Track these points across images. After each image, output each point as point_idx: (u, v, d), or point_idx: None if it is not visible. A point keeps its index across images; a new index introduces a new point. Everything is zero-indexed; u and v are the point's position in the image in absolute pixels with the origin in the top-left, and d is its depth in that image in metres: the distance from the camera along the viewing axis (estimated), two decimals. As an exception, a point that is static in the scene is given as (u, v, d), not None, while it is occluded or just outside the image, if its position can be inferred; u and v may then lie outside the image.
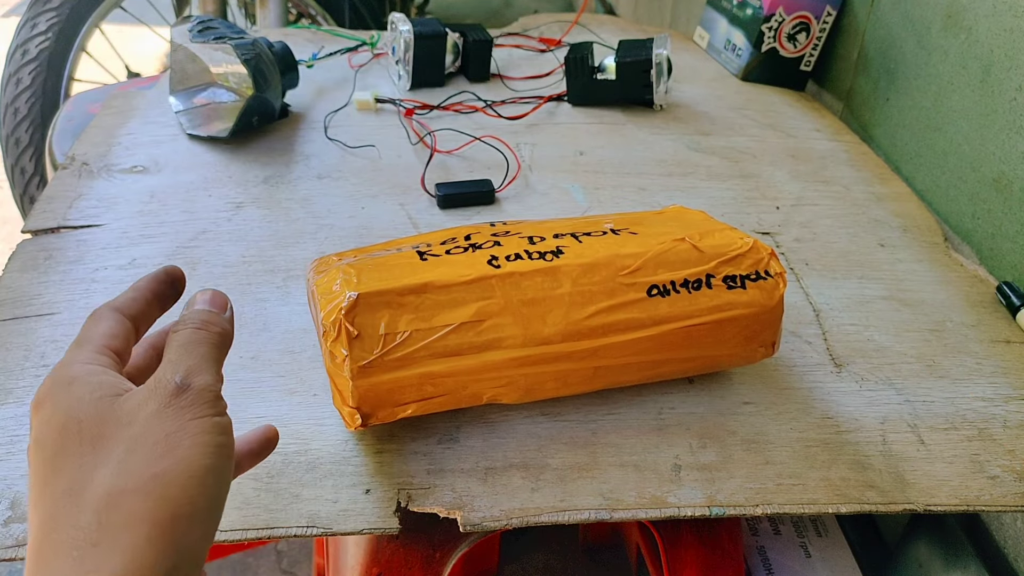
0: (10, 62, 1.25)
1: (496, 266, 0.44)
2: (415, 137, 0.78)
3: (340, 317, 0.41)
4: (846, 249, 0.66)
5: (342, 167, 0.73)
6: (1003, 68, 0.64)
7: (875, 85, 0.85)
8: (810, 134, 0.85)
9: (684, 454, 0.46)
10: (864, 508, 0.44)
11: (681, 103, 0.89)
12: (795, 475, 0.46)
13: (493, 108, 0.83)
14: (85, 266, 0.58)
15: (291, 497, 0.42)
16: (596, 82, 0.86)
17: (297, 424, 0.47)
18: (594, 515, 0.43)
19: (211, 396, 0.29)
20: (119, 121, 0.78)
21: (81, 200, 0.65)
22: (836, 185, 0.75)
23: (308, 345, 0.52)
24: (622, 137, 0.81)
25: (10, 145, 1.25)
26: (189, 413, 0.28)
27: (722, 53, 1.01)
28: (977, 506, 0.45)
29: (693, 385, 0.51)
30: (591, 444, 0.46)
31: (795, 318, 0.57)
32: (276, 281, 0.58)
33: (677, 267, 0.45)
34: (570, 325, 0.43)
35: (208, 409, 0.29)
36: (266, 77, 0.73)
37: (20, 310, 0.53)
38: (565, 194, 0.71)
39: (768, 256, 0.47)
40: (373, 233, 0.64)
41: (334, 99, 0.85)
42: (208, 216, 0.64)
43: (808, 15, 0.91)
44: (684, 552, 0.50)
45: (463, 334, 0.42)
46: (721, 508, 0.44)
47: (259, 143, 0.76)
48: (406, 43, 0.85)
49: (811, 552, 0.57)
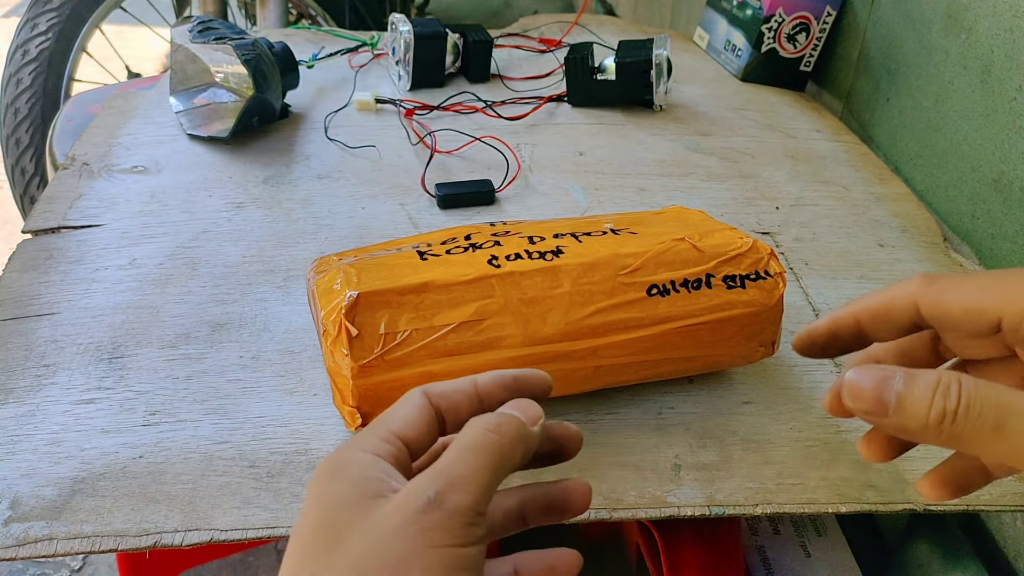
0: (10, 62, 1.25)
1: (496, 266, 0.44)
2: (415, 137, 0.78)
3: (340, 316, 0.41)
4: (846, 249, 0.66)
5: (342, 167, 0.73)
6: (1003, 68, 0.64)
7: (875, 85, 0.85)
8: (810, 134, 0.85)
9: (684, 454, 0.46)
10: (864, 508, 0.44)
11: (681, 103, 0.89)
12: (795, 475, 0.46)
13: (493, 108, 0.83)
14: (85, 266, 0.58)
15: (291, 497, 0.42)
16: (596, 82, 0.86)
17: (297, 424, 0.47)
18: (594, 515, 0.43)
19: (463, 521, 0.24)
20: (119, 121, 0.78)
21: (81, 200, 0.65)
22: (836, 185, 0.75)
23: (308, 345, 0.52)
24: (622, 137, 0.81)
25: (10, 145, 1.25)
26: (430, 539, 0.24)
27: (722, 54, 1.01)
28: (977, 506, 0.45)
29: (693, 385, 0.51)
30: (591, 444, 0.46)
31: (795, 318, 0.57)
32: (276, 281, 0.58)
33: (677, 267, 0.45)
34: (570, 324, 0.43)
35: (454, 537, 0.24)
36: (266, 77, 0.73)
37: (20, 310, 0.53)
38: (565, 194, 0.71)
39: (768, 256, 0.47)
40: (373, 233, 0.64)
41: (334, 99, 0.85)
42: (208, 216, 0.64)
43: (808, 15, 0.91)
44: (684, 552, 0.51)
45: (463, 333, 0.42)
46: (721, 508, 0.44)
47: (259, 143, 0.76)
48: (406, 43, 0.85)
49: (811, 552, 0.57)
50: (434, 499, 0.24)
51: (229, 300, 0.55)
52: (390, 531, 0.24)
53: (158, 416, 0.46)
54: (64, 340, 0.51)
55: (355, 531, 0.24)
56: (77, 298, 0.55)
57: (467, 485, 0.25)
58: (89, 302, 0.54)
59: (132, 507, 0.41)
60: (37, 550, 0.39)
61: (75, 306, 0.54)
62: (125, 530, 0.40)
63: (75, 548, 0.39)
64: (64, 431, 0.45)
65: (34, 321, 0.53)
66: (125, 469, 0.43)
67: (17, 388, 0.48)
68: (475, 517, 0.25)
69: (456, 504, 0.24)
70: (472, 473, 0.25)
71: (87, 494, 0.42)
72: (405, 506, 0.24)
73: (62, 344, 0.51)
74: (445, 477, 0.25)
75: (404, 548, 0.24)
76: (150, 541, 0.40)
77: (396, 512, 0.24)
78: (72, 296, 0.55)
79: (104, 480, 0.43)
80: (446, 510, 0.24)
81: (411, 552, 0.24)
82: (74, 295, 0.55)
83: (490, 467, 0.26)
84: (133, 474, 0.43)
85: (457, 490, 0.25)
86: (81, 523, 0.40)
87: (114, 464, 0.43)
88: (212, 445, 0.45)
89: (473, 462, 0.26)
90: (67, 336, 0.51)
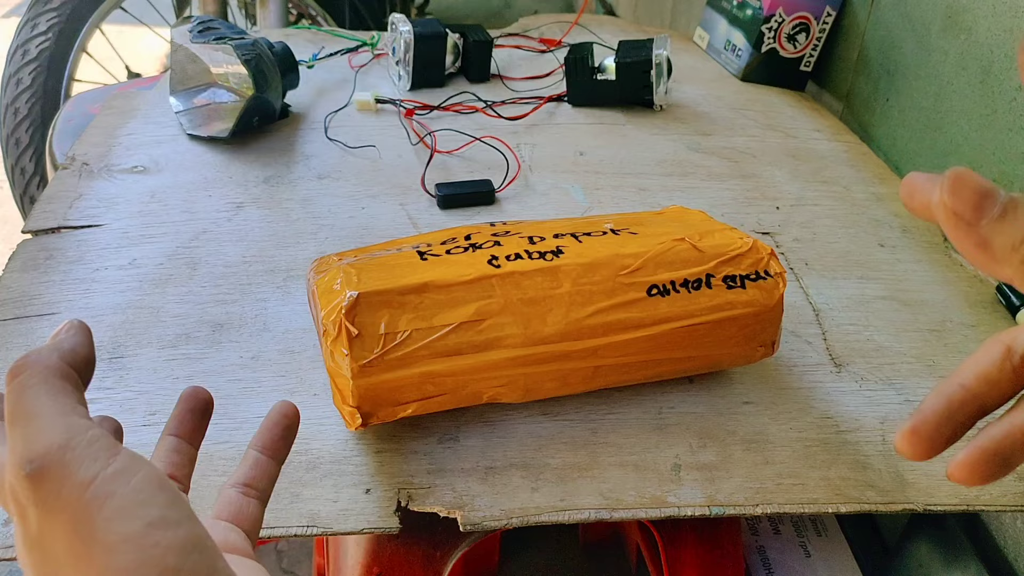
0: (10, 62, 1.25)
1: (496, 266, 0.44)
2: (415, 137, 0.78)
3: (340, 316, 0.41)
4: (846, 249, 0.66)
5: (342, 167, 0.73)
6: (1003, 68, 0.64)
7: (875, 85, 0.85)
8: (810, 134, 0.85)
9: (684, 454, 0.46)
10: (864, 508, 0.44)
11: (681, 103, 0.89)
12: (795, 475, 0.46)
13: (493, 108, 0.83)
14: (85, 266, 0.58)
15: (291, 497, 0.42)
16: (596, 82, 0.86)
17: (297, 424, 0.47)
18: (594, 515, 0.43)
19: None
20: (119, 121, 0.78)
21: (81, 200, 0.65)
22: (836, 185, 0.75)
23: (308, 345, 0.52)
24: (622, 137, 0.81)
25: (10, 145, 1.25)
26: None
27: (722, 54, 1.01)
28: (977, 506, 0.45)
29: (693, 385, 0.51)
30: (591, 444, 0.47)
31: (795, 318, 0.57)
32: (276, 281, 0.58)
33: (677, 267, 0.45)
34: (570, 324, 0.43)
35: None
36: (266, 77, 0.73)
37: (20, 310, 0.53)
38: (565, 194, 0.71)
39: (768, 256, 0.47)
40: (373, 233, 0.64)
41: (334, 99, 0.85)
42: (208, 216, 0.64)
43: (808, 16, 0.91)
44: (684, 552, 0.51)
45: (463, 333, 0.42)
46: (721, 508, 0.44)
47: (259, 143, 0.76)
48: (406, 43, 0.85)
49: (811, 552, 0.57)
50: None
51: (229, 300, 0.55)
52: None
53: (158, 416, 0.46)
54: (64, 340, 0.51)
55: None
56: (77, 298, 0.55)
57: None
58: (89, 302, 0.54)
59: (132, 507, 0.41)
60: (37, 550, 0.39)
61: (75, 306, 0.54)
62: (125, 530, 0.40)
63: (75, 548, 0.39)
64: (64, 431, 0.45)
65: (34, 321, 0.53)
66: (125, 469, 0.43)
67: (17, 388, 0.48)
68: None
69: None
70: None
71: (87, 494, 0.42)
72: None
73: (62, 344, 0.51)
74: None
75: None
76: (150, 541, 0.40)
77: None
78: (72, 296, 0.55)
79: (104, 480, 0.42)
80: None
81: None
82: (74, 295, 0.55)
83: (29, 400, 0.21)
84: (133, 474, 0.43)
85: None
86: (81, 523, 0.40)
87: (114, 464, 0.43)
88: (212, 445, 0.45)
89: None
90: (67, 336, 0.51)
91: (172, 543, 0.19)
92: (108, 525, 0.19)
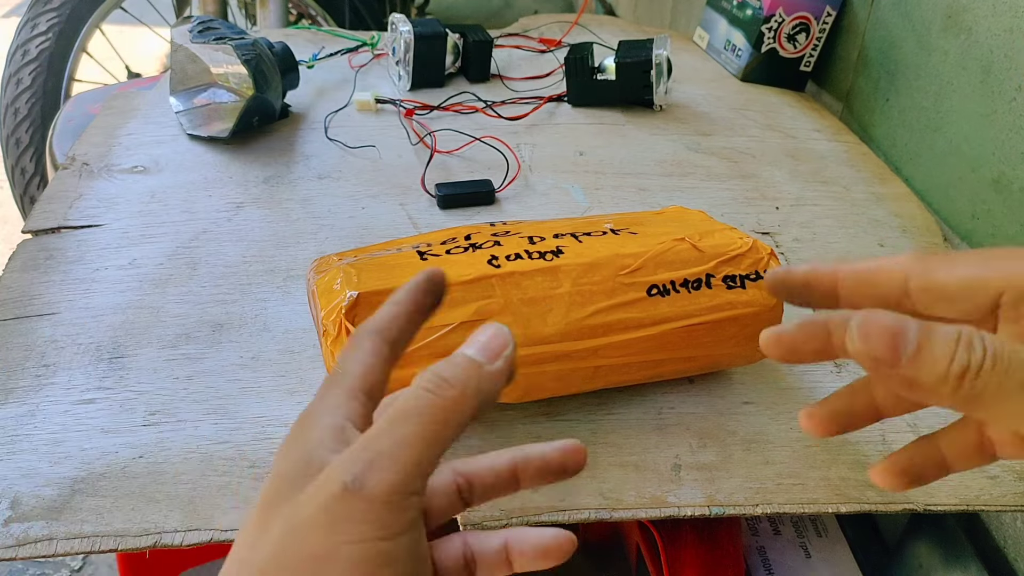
0: (10, 63, 1.25)
1: (496, 266, 0.44)
2: (415, 137, 0.78)
3: (340, 316, 0.41)
4: (846, 249, 0.66)
5: (342, 167, 0.73)
6: (1003, 68, 0.64)
7: (875, 85, 0.85)
8: (810, 134, 0.85)
9: (684, 454, 0.46)
10: (864, 508, 0.44)
11: (681, 103, 0.89)
12: (795, 475, 0.46)
13: (493, 108, 0.83)
14: (85, 266, 0.58)
15: (291, 497, 0.42)
16: (596, 82, 0.86)
17: (297, 424, 0.47)
18: (594, 515, 0.43)
19: (386, 507, 0.21)
20: (119, 121, 0.78)
21: (81, 200, 0.65)
22: (836, 185, 0.75)
23: (308, 345, 0.52)
24: (622, 137, 0.81)
25: (10, 145, 1.25)
26: (345, 532, 0.20)
27: (722, 54, 1.01)
28: (977, 506, 0.45)
29: (693, 385, 0.51)
30: (591, 444, 0.46)
31: (795, 318, 0.57)
32: (276, 281, 0.58)
33: (677, 267, 0.45)
34: (570, 324, 0.43)
35: (374, 529, 0.20)
36: (266, 77, 0.73)
37: (20, 310, 0.53)
38: (565, 194, 0.71)
39: (768, 256, 0.47)
40: (373, 233, 0.64)
41: (334, 99, 0.85)
42: (208, 216, 0.64)
43: (808, 15, 0.91)
44: (684, 552, 0.50)
45: (463, 333, 0.42)
46: (721, 508, 0.44)
47: (259, 143, 0.76)
48: (406, 44, 0.85)
49: (811, 552, 0.57)
50: (351, 484, 0.21)
51: (229, 300, 0.55)
52: (304, 521, 0.21)
53: (158, 416, 0.46)
54: (64, 340, 0.51)
55: (279, 515, 0.22)
56: (77, 298, 0.55)
57: (392, 463, 0.21)
58: (89, 302, 0.54)
59: (132, 507, 0.41)
60: (37, 550, 0.39)
61: (75, 306, 0.54)
62: (125, 530, 0.40)
63: (75, 548, 0.39)
64: (64, 431, 0.45)
65: (34, 321, 0.53)
66: (125, 469, 0.43)
67: (17, 388, 0.48)
68: (403, 499, 0.21)
69: (376, 488, 0.21)
70: (398, 447, 0.22)
71: (87, 494, 0.42)
72: (321, 491, 0.21)
73: (62, 344, 0.51)
74: (366, 456, 0.21)
75: (317, 542, 0.21)
76: (150, 541, 0.40)
77: (312, 498, 0.21)
78: (72, 296, 0.55)
79: (104, 480, 0.43)
80: (364, 497, 0.21)
81: (325, 548, 0.20)
82: (74, 295, 0.55)
83: (423, 436, 0.22)
84: (133, 474, 0.43)
85: (379, 470, 0.21)
86: (81, 523, 0.40)
87: (114, 464, 0.43)
88: (212, 445, 0.45)
89: (401, 433, 0.22)
90: (67, 336, 0.51)
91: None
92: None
